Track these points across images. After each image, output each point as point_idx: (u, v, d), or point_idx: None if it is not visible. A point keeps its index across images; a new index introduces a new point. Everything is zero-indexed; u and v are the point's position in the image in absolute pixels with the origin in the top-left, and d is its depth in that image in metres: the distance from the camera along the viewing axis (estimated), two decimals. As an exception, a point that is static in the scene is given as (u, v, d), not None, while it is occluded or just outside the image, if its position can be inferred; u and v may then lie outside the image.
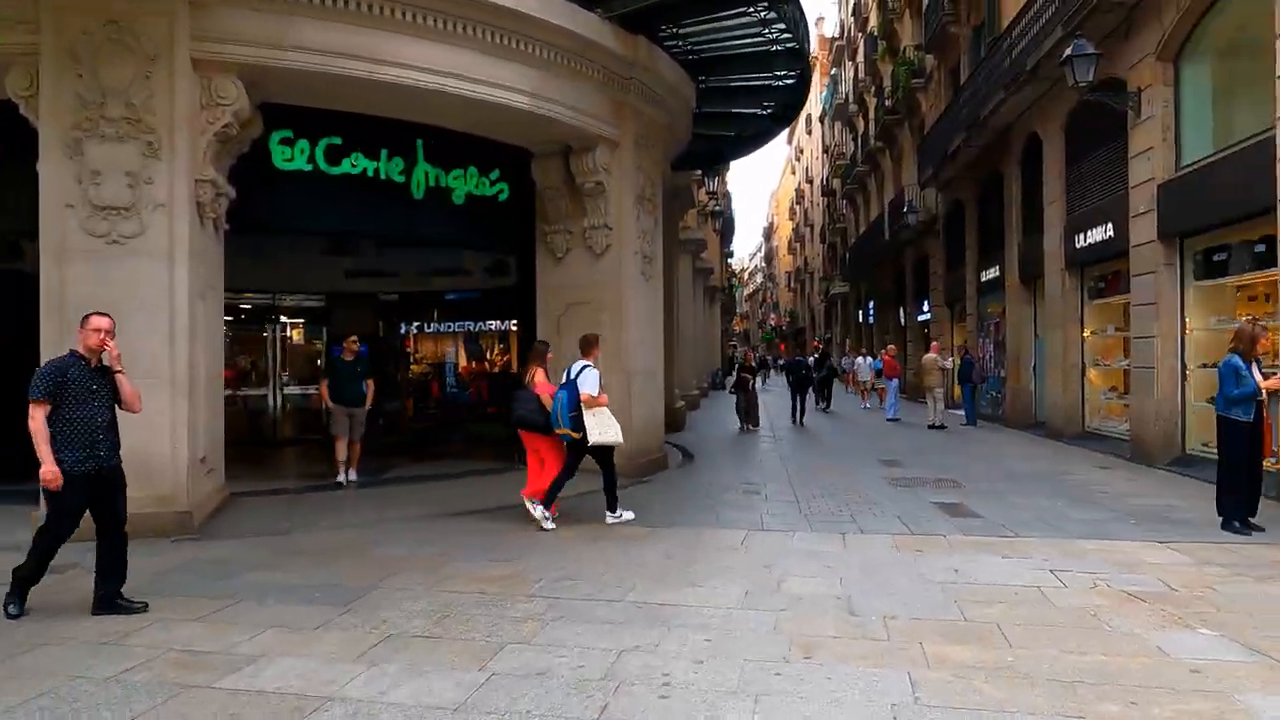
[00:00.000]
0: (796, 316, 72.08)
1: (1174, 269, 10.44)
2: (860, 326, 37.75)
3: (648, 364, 10.64)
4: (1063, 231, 13.66)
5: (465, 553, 6.33)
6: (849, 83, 39.55)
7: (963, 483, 9.56)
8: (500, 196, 10.22)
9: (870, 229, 31.09)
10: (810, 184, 60.80)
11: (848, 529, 7.11)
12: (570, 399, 7.13)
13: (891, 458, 11.93)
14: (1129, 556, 6.02)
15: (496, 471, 10.54)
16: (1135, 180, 10.98)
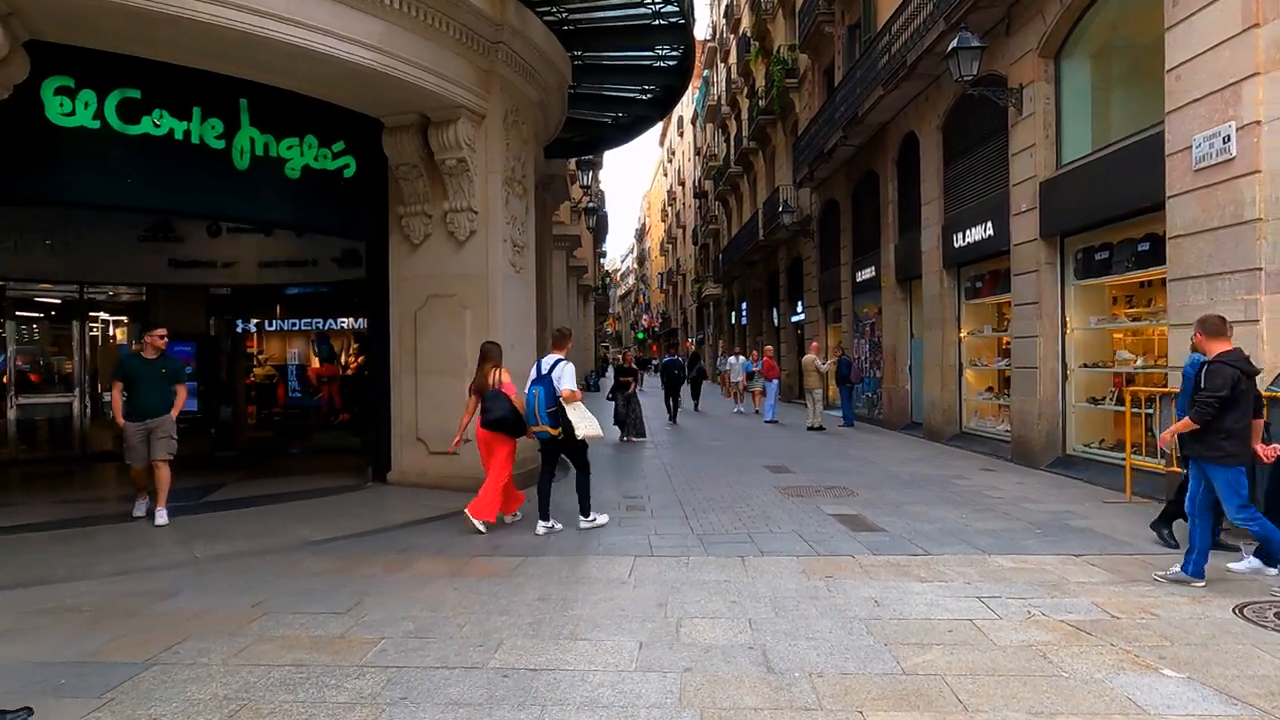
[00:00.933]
0: (669, 318, 72.33)
1: (1055, 268, 10.35)
2: (733, 328, 37.85)
3: (519, 365, 9.50)
4: (940, 231, 13.57)
5: (290, 602, 5.05)
6: (721, 85, 39.65)
7: (856, 490, 9.02)
8: (346, 172, 8.83)
9: (743, 230, 31.06)
10: (682, 186, 61.02)
11: (747, 551, 6.30)
12: (547, 395, 6.78)
13: (778, 463, 11.34)
14: (1052, 575, 5.49)
15: (346, 490, 9.16)
16: (1017, 178, 10.86)
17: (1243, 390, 5.00)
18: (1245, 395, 5.01)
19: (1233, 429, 5.02)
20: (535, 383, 6.92)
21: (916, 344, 15.28)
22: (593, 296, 38.65)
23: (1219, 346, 5.18)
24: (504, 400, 7.05)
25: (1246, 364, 5.10)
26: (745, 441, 14.33)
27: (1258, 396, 5.29)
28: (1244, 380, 5.02)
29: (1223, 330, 5.25)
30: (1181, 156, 7.64)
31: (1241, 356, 5.13)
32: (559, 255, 22.21)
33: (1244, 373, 5.04)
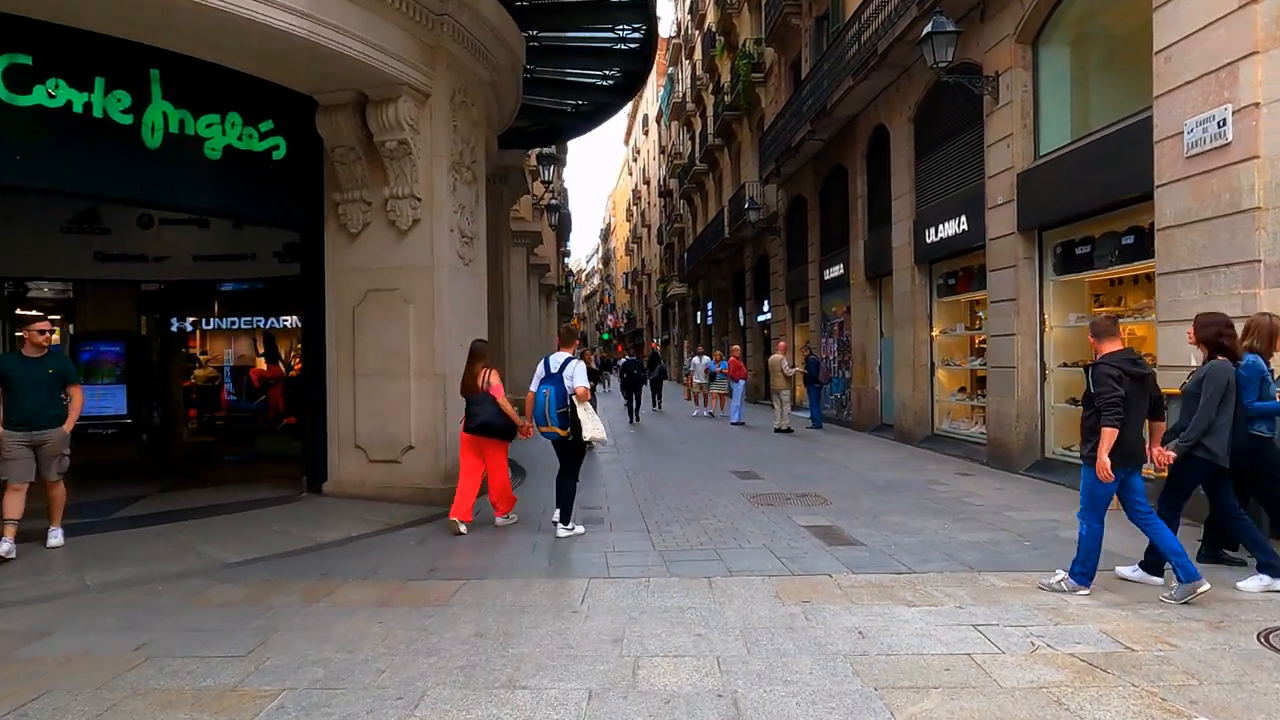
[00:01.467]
0: (634, 318, 71.74)
1: (1033, 263, 9.91)
2: (699, 328, 37.35)
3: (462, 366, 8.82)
4: (912, 226, 13.12)
5: (183, 642, 4.32)
6: (686, 82, 39.14)
7: (829, 498, 8.46)
8: (275, 155, 8.05)
9: (709, 228, 30.56)
10: (647, 185, 60.45)
11: (714, 570, 5.68)
12: (558, 395, 6.50)
13: (745, 468, 10.77)
14: (1050, 596, 4.96)
15: (279, 502, 8.37)
16: (993, 170, 10.41)
17: (1126, 391, 4.83)
18: (1125, 397, 4.81)
19: None
20: (545, 381, 6.60)
21: (887, 343, 14.84)
22: (556, 296, 37.86)
23: (1109, 347, 5.00)
24: (490, 403, 6.79)
25: (1131, 364, 4.89)
26: (711, 445, 13.75)
27: (1156, 399, 5.07)
28: (1125, 381, 4.82)
29: (1112, 330, 5.09)
30: (1171, 143, 7.21)
31: (1126, 357, 4.94)
32: (519, 252, 21.46)
33: (1125, 373, 4.83)
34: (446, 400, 8.27)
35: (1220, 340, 5.11)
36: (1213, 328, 5.16)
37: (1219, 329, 5.13)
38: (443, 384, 8.24)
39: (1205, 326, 5.21)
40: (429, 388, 8.24)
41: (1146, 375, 4.97)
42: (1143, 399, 4.92)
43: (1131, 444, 4.87)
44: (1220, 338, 5.12)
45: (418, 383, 8.24)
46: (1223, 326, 5.15)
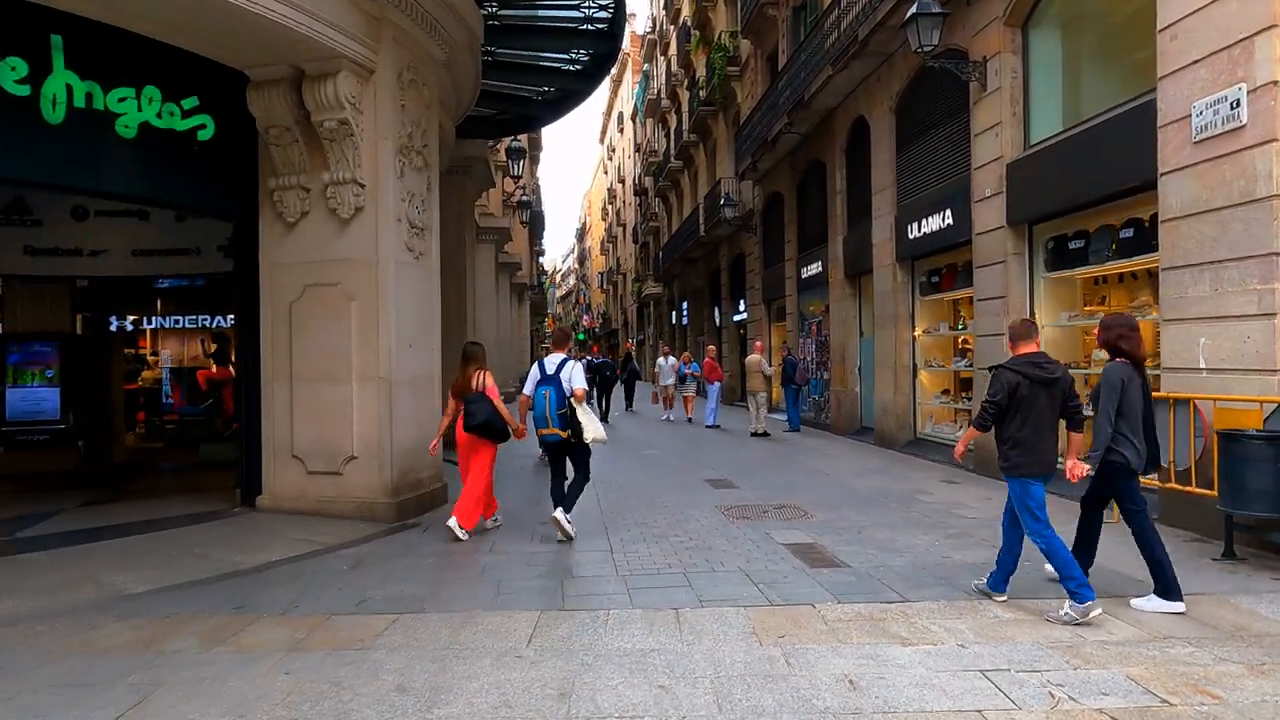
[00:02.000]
0: (609, 318, 71.07)
1: (1023, 259, 9.38)
2: (674, 328, 36.75)
3: (417, 369, 8.11)
4: (893, 222, 12.57)
5: (43, 703, 3.61)
6: (661, 78, 38.51)
7: (809, 510, 7.85)
8: (201, 135, 7.28)
9: (684, 226, 29.95)
10: (622, 183, 59.80)
11: (682, 599, 5.03)
12: (558, 396, 6.44)
13: (720, 476, 10.15)
14: (1066, 633, 4.36)
15: (208, 518, 7.60)
16: (980, 160, 9.87)
17: (1024, 397, 4.68)
18: (1027, 403, 4.68)
19: (1016, 437, 4.72)
20: (543, 383, 6.53)
21: (866, 343, 14.30)
22: (528, 295, 37.05)
23: (1022, 349, 4.86)
24: (487, 404, 6.73)
25: (1038, 369, 4.71)
26: (684, 450, 13.11)
27: (1074, 408, 4.86)
28: (1026, 386, 4.68)
29: (1026, 333, 4.93)
30: (1177, 127, 6.67)
31: (1031, 360, 4.75)
32: (486, 249, 20.71)
33: (1028, 378, 4.69)
34: (393, 406, 7.55)
35: (1119, 344, 4.85)
36: (1114, 330, 4.92)
37: (1120, 331, 4.89)
38: (388, 389, 7.52)
39: (1107, 329, 4.99)
40: (373, 393, 7.51)
41: (1055, 380, 4.74)
42: (1051, 405, 4.74)
43: (1040, 451, 4.70)
44: (1120, 340, 4.86)
45: (361, 387, 7.51)
46: (1124, 329, 4.90)
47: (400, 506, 7.53)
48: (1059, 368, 4.81)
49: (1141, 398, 4.75)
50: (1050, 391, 4.73)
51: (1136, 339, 4.89)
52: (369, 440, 7.51)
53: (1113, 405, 4.65)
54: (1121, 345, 4.84)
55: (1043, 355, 4.85)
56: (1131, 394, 4.70)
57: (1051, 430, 4.76)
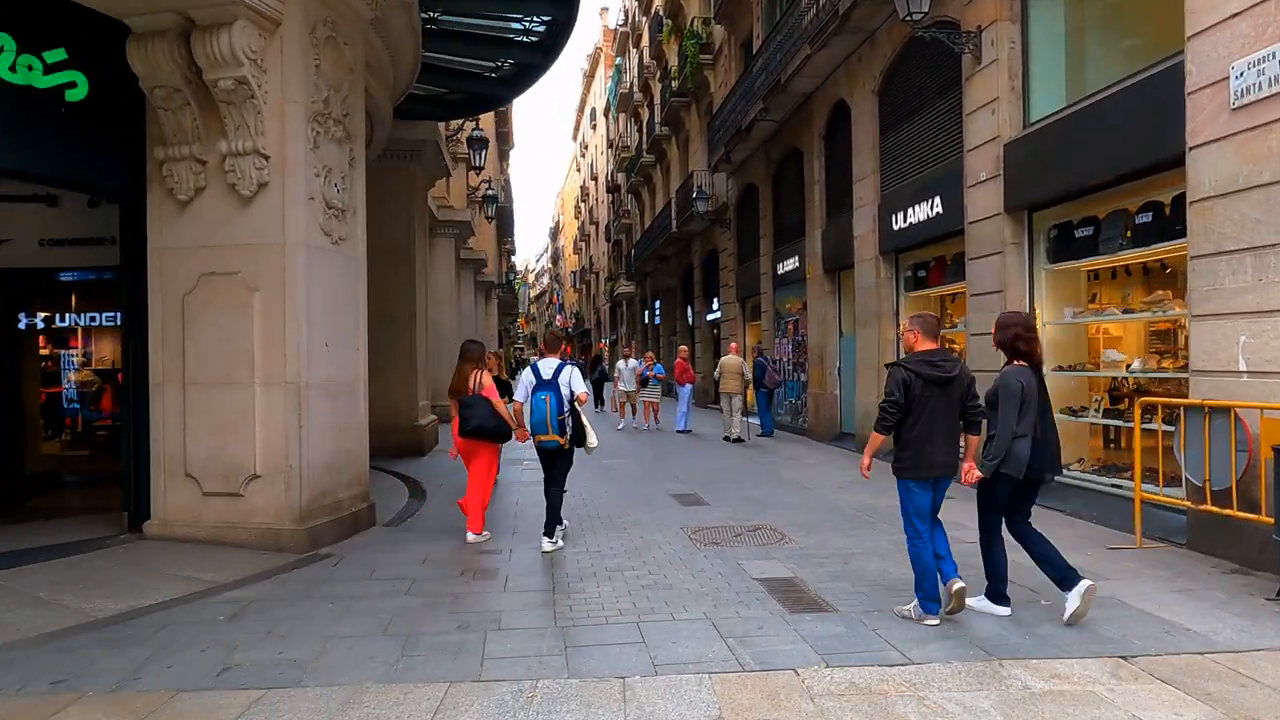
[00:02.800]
0: (582, 318, 69.97)
1: (1022, 249, 8.48)
2: (646, 327, 35.75)
3: (337, 371, 7.02)
4: (876, 212, 11.66)
5: None
6: (634, 71, 37.51)
7: (788, 532, 6.88)
8: (71, 95, 6.14)
9: (656, 222, 28.95)
10: (595, 180, 58.71)
11: (632, 664, 4.01)
12: (558, 403, 6.26)
13: (688, 489, 9.16)
14: (1113, 708, 3.40)
15: (83, 549, 6.44)
16: (974, 141, 8.97)
17: (916, 396, 4.47)
18: (920, 402, 4.46)
19: (906, 438, 4.53)
20: (541, 388, 6.30)
21: (847, 343, 13.39)
22: (496, 294, 35.84)
23: (920, 346, 4.62)
24: (483, 405, 6.58)
25: (933, 367, 4.47)
26: (651, 459, 12.10)
27: (972, 409, 4.58)
28: (919, 385, 4.46)
29: (930, 330, 4.66)
30: (1211, 92, 5.78)
31: (925, 359, 4.51)
32: (445, 243, 19.56)
33: (921, 376, 4.46)
34: (305, 415, 6.46)
35: (1016, 344, 4.57)
36: (1010, 329, 4.63)
37: (1016, 331, 4.61)
38: (298, 395, 6.42)
39: (1002, 328, 4.69)
40: (280, 399, 6.41)
41: (950, 379, 4.48)
42: (946, 406, 4.50)
43: (928, 454, 4.48)
44: (1017, 341, 4.57)
45: (265, 393, 6.40)
46: (1020, 328, 4.62)
47: (312, 533, 6.44)
48: (956, 365, 4.55)
49: (1037, 403, 4.48)
50: (946, 391, 4.49)
51: (1034, 339, 4.63)
52: (275, 456, 6.40)
53: (1014, 413, 4.37)
54: (1019, 346, 4.55)
55: (941, 353, 4.60)
56: (1028, 399, 4.41)
57: (946, 433, 4.51)
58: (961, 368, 4.57)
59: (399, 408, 12.62)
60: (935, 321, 4.79)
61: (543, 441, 6.33)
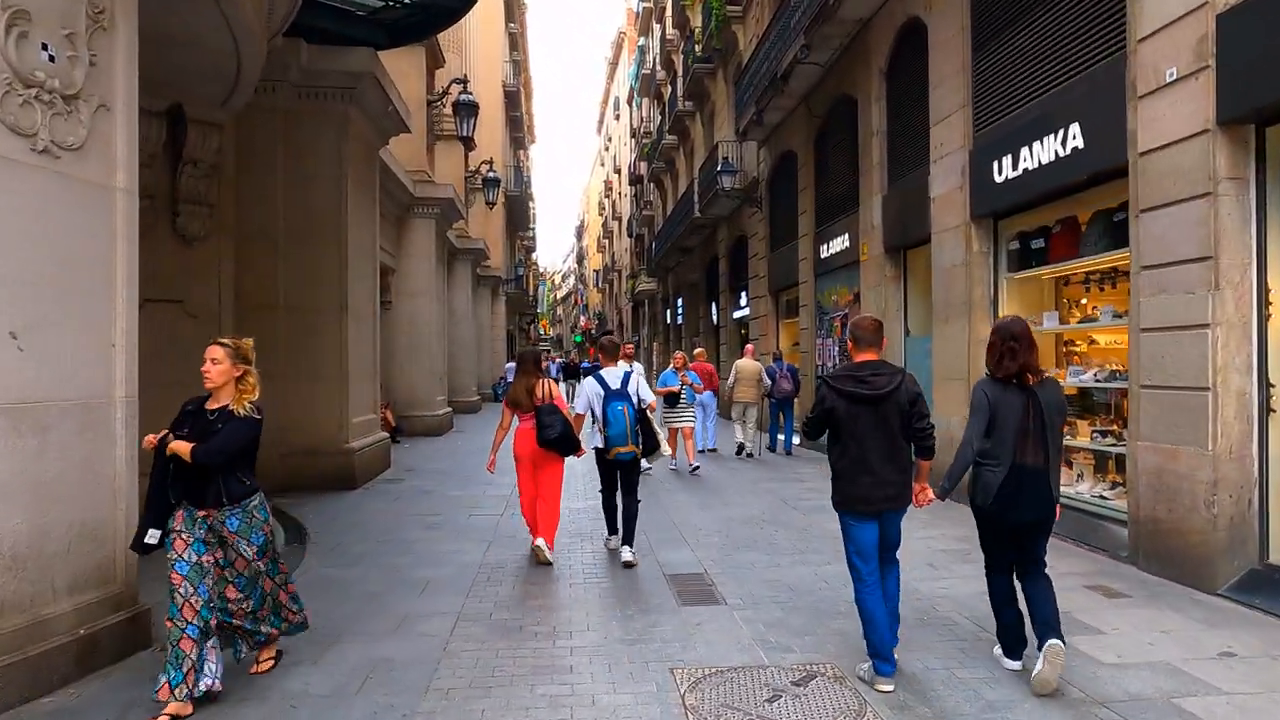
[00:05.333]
0: (605, 319, 67.05)
1: (1246, 190, 5.16)
2: (669, 327, 32.57)
3: (42, 385, 3.92)
4: (967, 161, 8.36)
5: None
6: (656, 48, 34.36)
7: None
8: None
9: (678, 207, 25.71)
10: (618, 174, 55.64)
11: None
12: (635, 412, 6.12)
13: (694, 566, 5.97)
14: None
15: None
16: (1153, 20, 5.65)
17: (841, 418, 3.90)
18: (847, 424, 3.89)
19: (835, 467, 4.01)
20: (614, 399, 6.09)
21: (917, 345, 10.11)
22: (503, 290, 32.80)
23: (858, 357, 4.03)
24: (560, 415, 6.14)
25: (858, 383, 3.87)
26: (649, 502, 8.88)
27: (919, 431, 3.93)
28: (842, 405, 3.88)
29: (866, 338, 4.03)
30: None
31: (851, 373, 3.94)
32: (425, 224, 16.53)
33: (843, 394, 3.88)
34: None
35: (986, 354, 3.98)
36: (990, 335, 4.03)
37: (990, 339, 3.98)
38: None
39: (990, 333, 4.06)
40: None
41: (880, 397, 3.84)
42: (880, 428, 3.86)
43: (859, 485, 3.88)
44: (988, 351, 3.98)
45: None
46: (995, 337, 3.94)
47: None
48: (891, 380, 3.87)
49: (1019, 424, 3.77)
50: (878, 411, 3.86)
51: (1012, 349, 3.82)
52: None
53: (972, 430, 3.83)
54: (988, 359, 3.94)
55: (873, 365, 3.94)
56: (1003, 416, 3.78)
57: (884, 459, 3.86)
58: (900, 382, 3.88)
59: (321, 427, 9.57)
60: (873, 326, 4.08)
61: (620, 454, 6.09)
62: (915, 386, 3.97)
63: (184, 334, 8.35)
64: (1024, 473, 3.75)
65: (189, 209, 8.29)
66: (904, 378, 3.94)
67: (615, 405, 6.06)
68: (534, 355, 6.67)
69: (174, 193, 8.20)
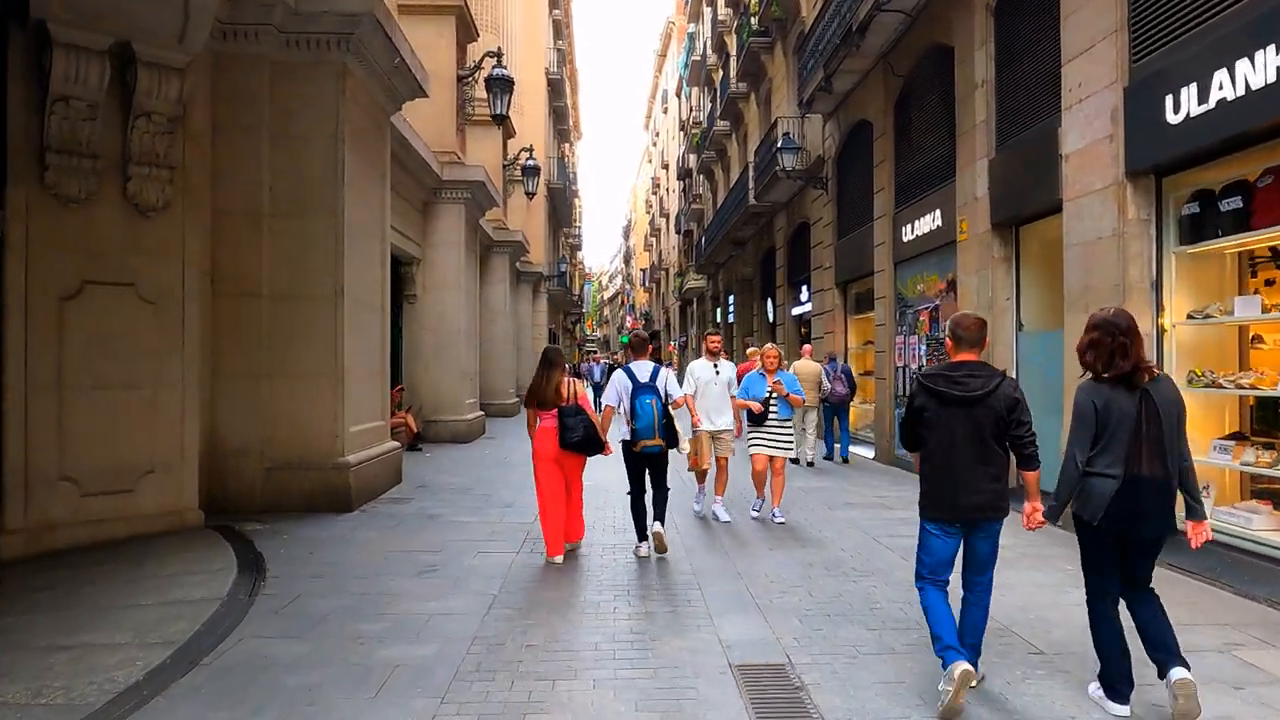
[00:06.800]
0: (651, 319, 65.43)
1: None
2: (718, 327, 30.73)
3: None
4: (1120, 103, 6.44)
5: None
6: (707, 31, 32.55)
7: None
8: None
9: (729, 197, 23.88)
10: (666, 169, 53.91)
11: None
12: (663, 406, 6.16)
13: (765, 654, 4.22)
14: None
15: None
16: None
17: (930, 419, 3.69)
18: (938, 427, 3.67)
19: (924, 470, 3.79)
20: (642, 393, 6.12)
21: (1035, 341, 8.20)
22: (545, 288, 31.28)
23: (958, 357, 3.76)
24: (584, 416, 6.10)
25: (953, 384, 3.63)
26: (704, 539, 7.10)
27: (1018, 439, 3.62)
28: (933, 406, 3.67)
29: (968, 337, 3.74)
30: None
31: (945, 373, 3.69)
32: (453, 209, 15.03)
33: (935, 395, 3.66)
34: None
35: (1086, 354, 3.60)
36: (1087, 333, 3.63)
37: (1092, 336, 3.59)
38: None
39: (1085, 330, 3.67)
40: None
41: (975, 399, 3.60)
42: (974, 432, 3.61)
43: (945, 492, 3.66)
44: (1088, 350, 3.59)
45: None
46: (1099, 333, 3.56)
47: None
48: (986, 383, 3.61)
49: (1133, 430, 3.42)
50: (972, 414, 3.61)
51: (1120, 346, 3.47)
52: None
53: (1078, 441, 3.49)
54: (1085, 358, 3.59)
55: (972, 366, 3.69)
56: (1111, 423, 3.43)
57: (977, 465, 3.61)
58: (998, 385, 3.61)
59: (311, 436, 8.02)
60: (976, 325, 3.76)
61: (647, 447, 6.09)
62: (1016, 391, 3.67)
63: (137, 324, 6.88)
64: (1141, 484, 3.41)
65: (143, 172, 6.81)
66: (1003, 380, 3.67)
67: (644, 398, 6.10)
68: (558, 351, 6.51)
69: (125, 153, 6.73)
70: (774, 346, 7.90)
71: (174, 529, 6.91)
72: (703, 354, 8.01)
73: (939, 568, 3.69)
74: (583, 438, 6.03)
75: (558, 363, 6.31)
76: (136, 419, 6.85)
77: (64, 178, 6.40)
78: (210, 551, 6.22)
